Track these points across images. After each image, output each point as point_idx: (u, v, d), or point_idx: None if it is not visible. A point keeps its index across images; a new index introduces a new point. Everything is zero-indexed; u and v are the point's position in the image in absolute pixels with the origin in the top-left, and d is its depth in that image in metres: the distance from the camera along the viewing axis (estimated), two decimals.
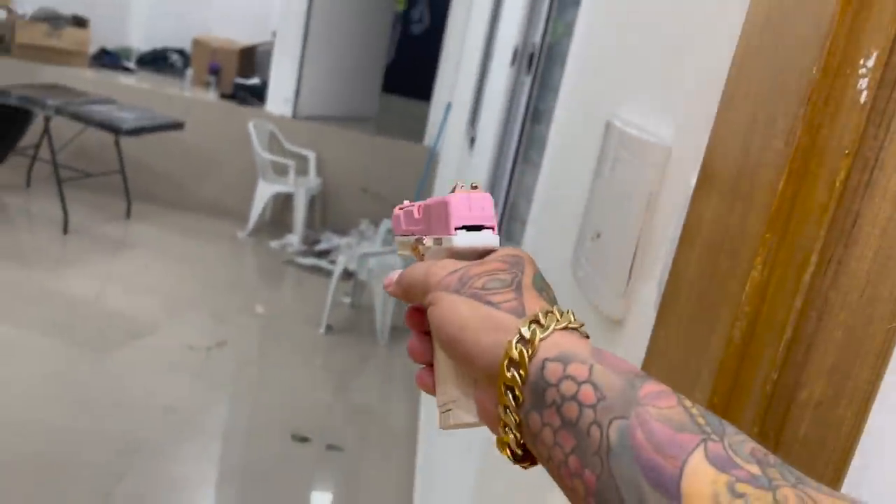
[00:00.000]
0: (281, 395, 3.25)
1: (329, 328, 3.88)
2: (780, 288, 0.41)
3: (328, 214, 5.46)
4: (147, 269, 4.29)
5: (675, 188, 0.66)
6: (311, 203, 5.24)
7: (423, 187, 5.24)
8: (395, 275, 0.47)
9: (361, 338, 3.94)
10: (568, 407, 0.32)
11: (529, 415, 0.34)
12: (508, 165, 2.19)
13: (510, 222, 2.05)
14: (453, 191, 0.45)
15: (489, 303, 0.38)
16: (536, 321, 0.36)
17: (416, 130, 5.89)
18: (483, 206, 0.44)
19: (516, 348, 0.35)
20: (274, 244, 4.99)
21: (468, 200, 0.44)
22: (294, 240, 5.02)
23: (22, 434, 2.52)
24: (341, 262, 3.91)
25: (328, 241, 5.07)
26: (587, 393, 0.32)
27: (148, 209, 5.08)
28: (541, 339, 0.35)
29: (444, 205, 0.45)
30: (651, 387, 0.32)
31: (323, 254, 4.90)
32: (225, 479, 2.58)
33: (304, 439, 2.87)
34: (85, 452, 2.50)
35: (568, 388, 0.33)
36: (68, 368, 3.02)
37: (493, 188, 2.34)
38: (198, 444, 2.76)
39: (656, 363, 0.53)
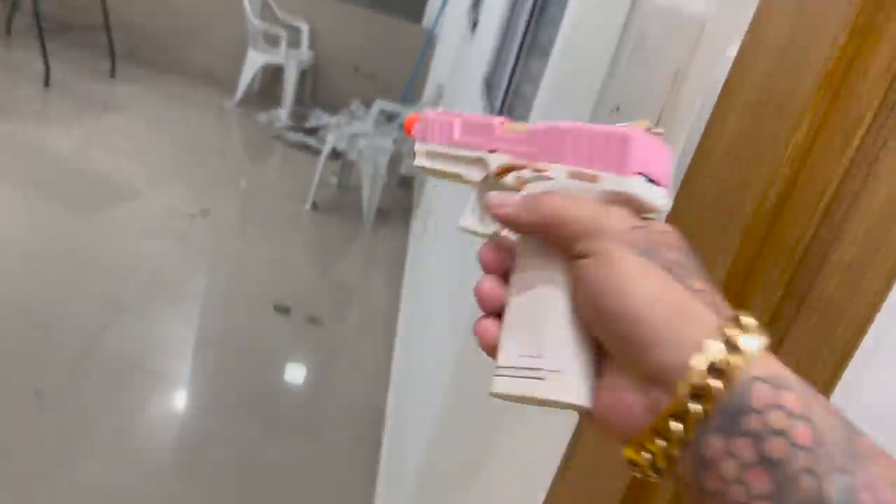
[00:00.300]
0: (263, 266, 3.26)
1: (315, 205, 3.86)
2: (826, 150, 0.40)
3: (318, 91, 5.33)
4: (130, 133, 4.19)
5: (707, 61, 0.65)
6: (302, 78, 5.10)
7: (417, 74, 5.11)
8: (512, 195, 0.36)
9: (347, 218, 3.94)
10: (773, 443, 0.27)
11: (707, 437, 0.28)
12: (514, 51, 2.13)
13: (514, 101, 2.01)
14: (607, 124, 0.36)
15: (687, 286, 0.30)
16: (741, 327, 0.29)
17: (414, 10, 5.68)
18: (664, 159, 0.35)
19: (720, 354, 0.28)
20: (261, 117, 4.88)
21: (652, 145, 0.34)
22: (282, 114, 4.91)
23: (4, 283, 2.52)
24: (330, 140, 3.84)
25: (317, 118, 4.97)
26: (804, 432, 0.26)
27: (133, 70, 4.91)
28: (754, 351, 0.28)
29: (622, 139, 0.34)
30: (867, 440, 0.27)
31: (311, 131, 4.82)
32: (205, 343, 2.63)
33: (285, 310, 2.91)
34: (68, 306, 2.52)
35: (777, 419, 0.27)
36: (51, 225, 3.00)
37: (494, 75, 2.28)
38: (180, 308, 2.79)
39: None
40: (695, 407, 0.28)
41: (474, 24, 3.12)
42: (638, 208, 0.34)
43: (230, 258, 3.27)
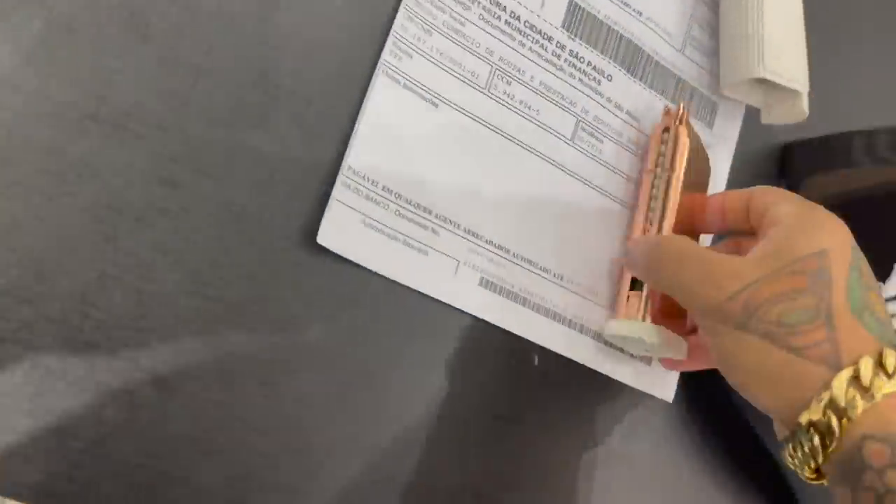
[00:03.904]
0: None
1: None
2: None
3: None
4: None
5: None
6: None
7: None
8: (646, 241, 0.36)
9: None
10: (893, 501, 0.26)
11: (835, 487, 0.28)
12: None
13: None
14: None
15: (790, 348, 0.28)
16: (856, 377, 0.27)
17: None
18: None
19: (825, 414, 0.27)
20: None
21: None
22: None
23: None
24: None
25: None
26: None
27: None
28: (862, 411, 0.27)
29: None
30: None
31: None
32: None
33: None
34: None
35: (893, 480, 0.26)
36: None
37: None
38: None
39: None
40: (809, 463, 0.28)
41: None
42: None
43: None
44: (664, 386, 0.42)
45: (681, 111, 0.39)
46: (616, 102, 0.41)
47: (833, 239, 0.30)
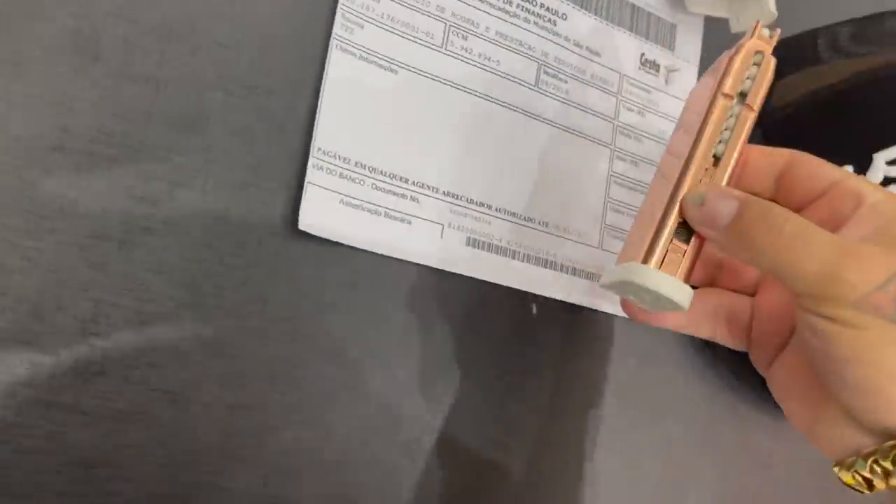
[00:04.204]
0: None
1: None
2: None
3: None
4: None
5: None
6: None
7: None
8: (727, 196, 0.28)
9: None
10: None
11: None
12: None
13: None
14: None
15: None
16: None
17: None
18: None
19: None
20: None
21: None
22: None
23: None
24: None
25: None
26: None
27: None
28: None
29: None
30: None
31: None
32: None
33: None
34: None
35: None
36: None
37: None
38: None
39: None
40: None
41: None
42: None
43: None
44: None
45: (775, 37, 0.32)
46: (574, 40, 0.41)
47: None
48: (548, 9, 0.40)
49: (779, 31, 0.31)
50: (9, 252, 0.27)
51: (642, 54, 0.43)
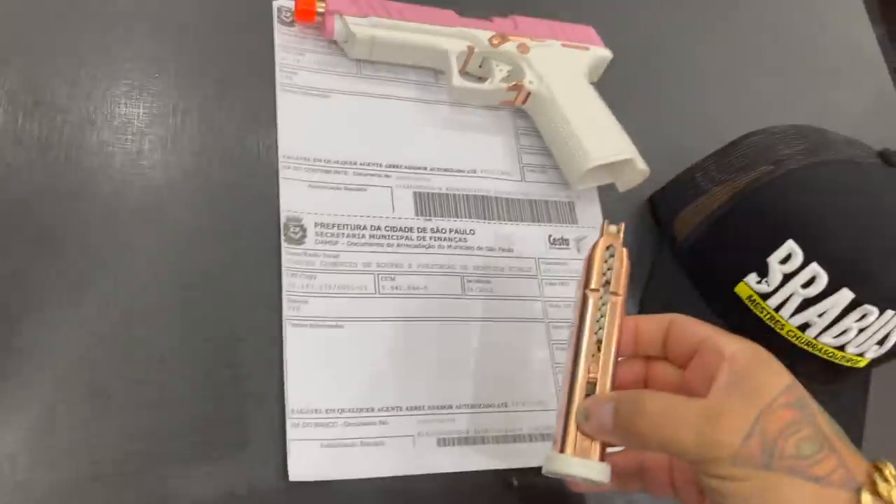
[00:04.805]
0: None
1: None
2: None
3: None
4: None
5: None
6: None
7: None
8: (601, 405, 0.34)
9: None
10: None
11: None
12: None
13: None
14: None
15: (815, 478, 0.30)
16: (875, 492, 0.30)
17: None
18: None
19: None
20: None
21: None
22: None
23: None
24: None
25: None
26: None
27: None
28: None
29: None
30: None
31: None
32: None
33: None
34: None
35: None
36: None
37: None
38: None
39: None
40: None
41: None
42: None
43: None
44: None
45: (621, 230, 0.39)
46: (486, 247, 0.49)
47: (787, 373, 0.33)
48: (457, 231, 0.49)
49: (623, 224, 0.39)
50: None
51: (549, 236, 0.51)
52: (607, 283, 0.38)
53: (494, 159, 0.52)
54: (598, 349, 0.36)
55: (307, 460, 0.40)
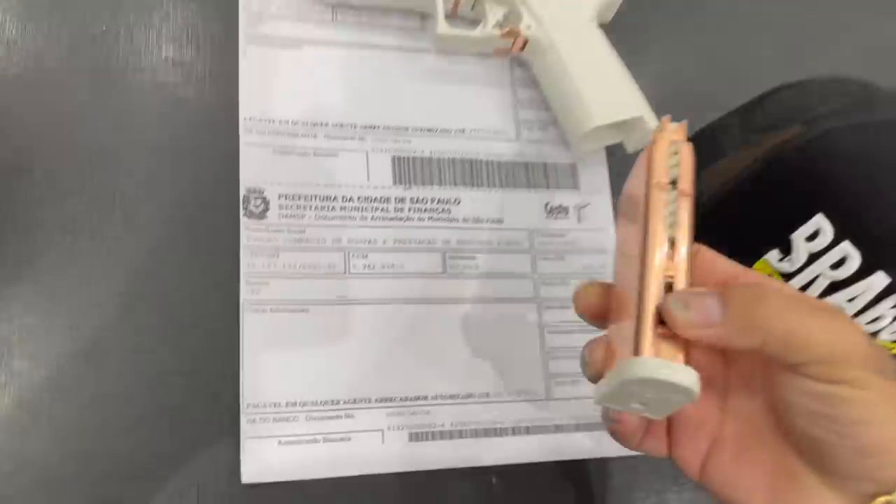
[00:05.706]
0: None
1: None
2: None
3: None
4: None
5: None
6: None
7: None
8: (702, 299, 0.28)
9: None
10: None
11: None
12: None
13: None
14: None
15: None
16: None
17: None
18: None
19: None
20: None
21: None
22: None
23: None
24: None
25: None
26: None
27: None
28: None
29: None
30: None
31: None
32: None
33: None
34: None
35: None
36: None
37: None
38: None
39: None
40: None
41: None
42: None
43: None
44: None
45: (684, 127, 0.32)
46: (473, 218, 0.44)
47: None
48: (440, 200, 0.44)
49: (685, 122, 0.32)
50: None
51: (546, 203, 0.46)
52: (674, 182, 0.31)
53: (486, 116, 0.46)
54: (671, 246, 0.30)
55: (262, 460, 0.37)
